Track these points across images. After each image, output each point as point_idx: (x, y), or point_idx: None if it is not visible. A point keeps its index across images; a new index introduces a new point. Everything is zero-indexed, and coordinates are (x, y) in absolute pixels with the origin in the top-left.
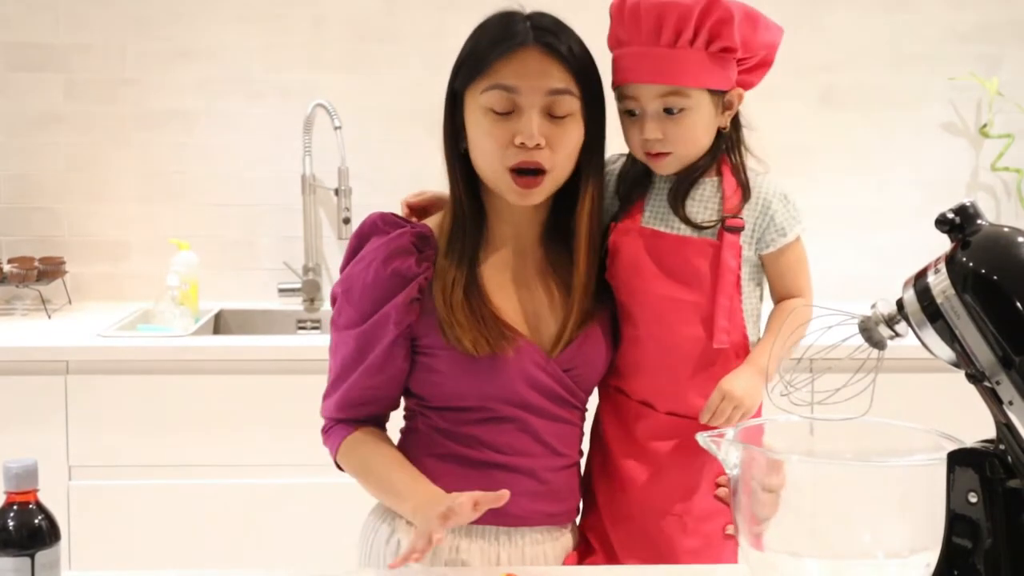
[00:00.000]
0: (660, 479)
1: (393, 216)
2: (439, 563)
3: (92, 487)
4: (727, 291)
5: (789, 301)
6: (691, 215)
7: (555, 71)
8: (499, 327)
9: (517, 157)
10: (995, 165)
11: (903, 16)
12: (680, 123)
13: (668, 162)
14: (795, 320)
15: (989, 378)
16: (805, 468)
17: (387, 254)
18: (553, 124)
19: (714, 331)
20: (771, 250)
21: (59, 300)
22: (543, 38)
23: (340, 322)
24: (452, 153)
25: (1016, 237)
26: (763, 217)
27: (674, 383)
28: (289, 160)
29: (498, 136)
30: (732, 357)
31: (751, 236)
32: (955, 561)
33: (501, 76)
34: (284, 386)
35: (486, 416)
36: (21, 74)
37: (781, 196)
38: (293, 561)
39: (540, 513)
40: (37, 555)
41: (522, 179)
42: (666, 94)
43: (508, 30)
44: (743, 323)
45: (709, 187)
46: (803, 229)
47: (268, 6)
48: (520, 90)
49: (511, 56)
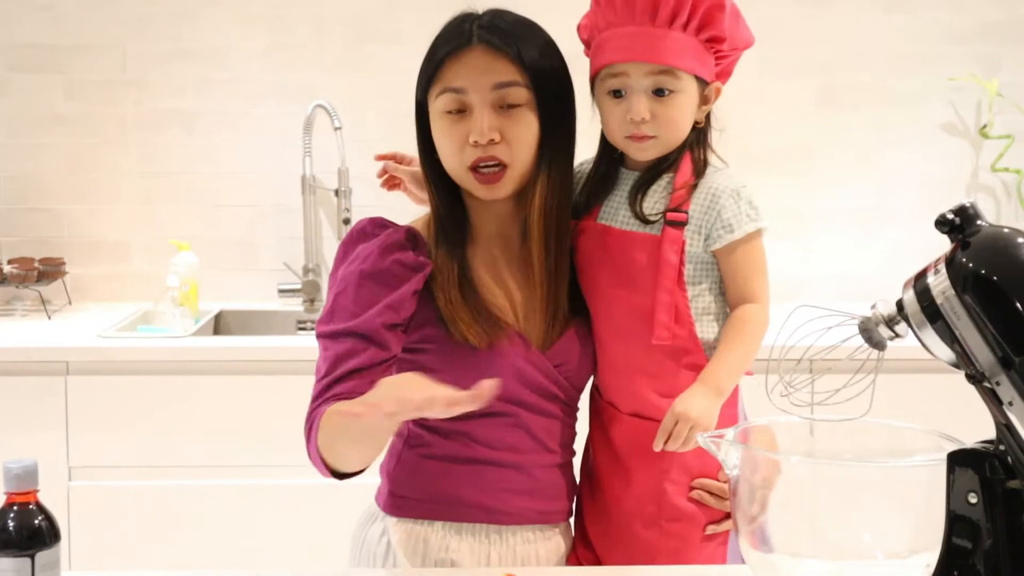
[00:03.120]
0: (629, 480)
1: (381, 219)
2: (429, 562)
3: (92, 488)
4: (666, 286)
5: (742, 309)
6: (647, 209)
7: (500, 66)
8: (493, 319)
9: (474, 155)
10: (995, 166)
11: (903, 17)
12: (668, 105)
13: (649, 146)
14: (748, 333)
15: (989, 379)
16: (805, 468)
17: (384, 247)
18: (505, 117)
19: (654, 327)
20: (718, 246)
21: (59, 301)
22: (486, 37)
23: (333, 319)
24: (427, 161)
25: (1016, 238)
26: (710, 211)
27: (629, 383)
28: (289, 161)
29: (454, 137)
30: (681, 355)
31: (698, 231)
32: (955, 562)
33: (448, 79)
34: (284, 387)
35: (477, 412)
36: (21, 75)
37: (732, 191)
38: (290, 561)
39: (530, 511)
40: (37, 556)
41: (482, 175)
42: (658, 72)
43: (455, 32)
44: (691, 321)
45: (665, 181)
46: (759, 229)
47: (268, 7)
48: (467, 90)
49: (457, 58)
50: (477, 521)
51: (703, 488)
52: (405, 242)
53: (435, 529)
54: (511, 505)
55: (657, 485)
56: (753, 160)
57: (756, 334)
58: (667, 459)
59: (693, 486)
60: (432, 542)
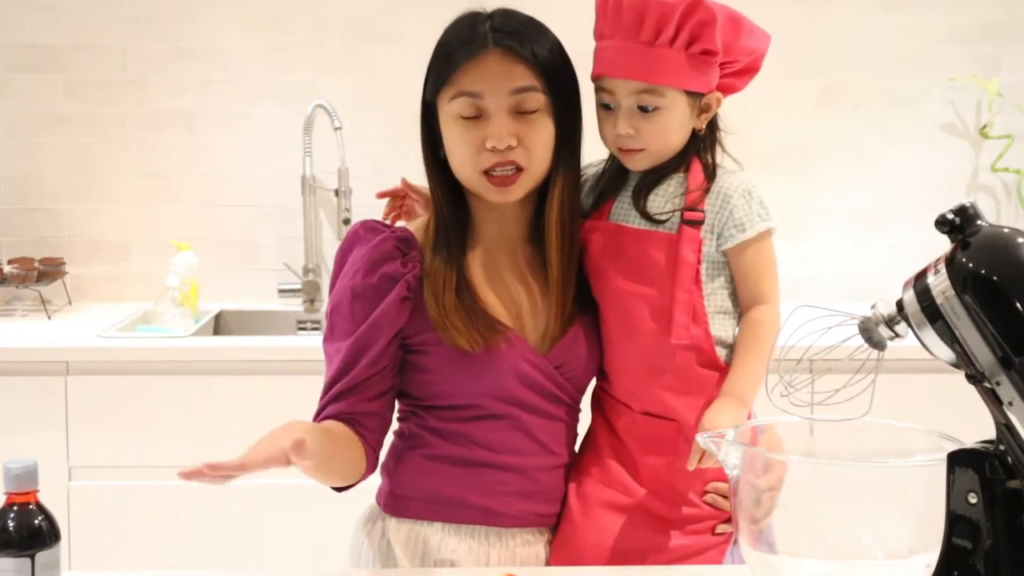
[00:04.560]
0: (641, 480)
1: (373, 222)
2: (428, 563)
3: (92, 488)
4: (685, 285)
5: (755, 313)
6: (654, 209)
7: (517, 71)
8: (490, 322)
9: (490, 160)
10: (995, 166)
11: (903, 17)
12: (652, 121)
13: (639, 158)
14: (764, 338)
15: (989, 379)
16: (805, 469)
17: (371, 261)
18: (523, 122)
19: (672, 326)
20: (730, 245)
21: (59, 301)
22: (503, 40)
23: (332, 337)
24: (431, 161)
25: (1016, 238)
26: (723, 211)
27: (643, 381)
28: (289, 161)
29: (470, 141)
30: (696, 353)
31: (711, 230)
32: (955, 562)
33: (465, 83)
34: (284, 387)
35: (478, 414)
36: (21, 75)
37: (744, 191)
38: (290, 560)
39: (530, 513)
40: (37, 556)
41: (496, 179)
42: (641, 91)
43: (469, 35)
44: (706, 320)
45: (675, 182)
46: (769, 228)
47: (268, 7)
48: (484, 94)
49: (473, 62)
50: (477, 523)
51: (716, 492)
52: (394, 251)
53: (435, 530)
54: (511, 507)
55: (672, 485)
56: (753, 160)
57: (770, 337)
58: (683, 460)
59: (707, 490)
60: (432, 543)
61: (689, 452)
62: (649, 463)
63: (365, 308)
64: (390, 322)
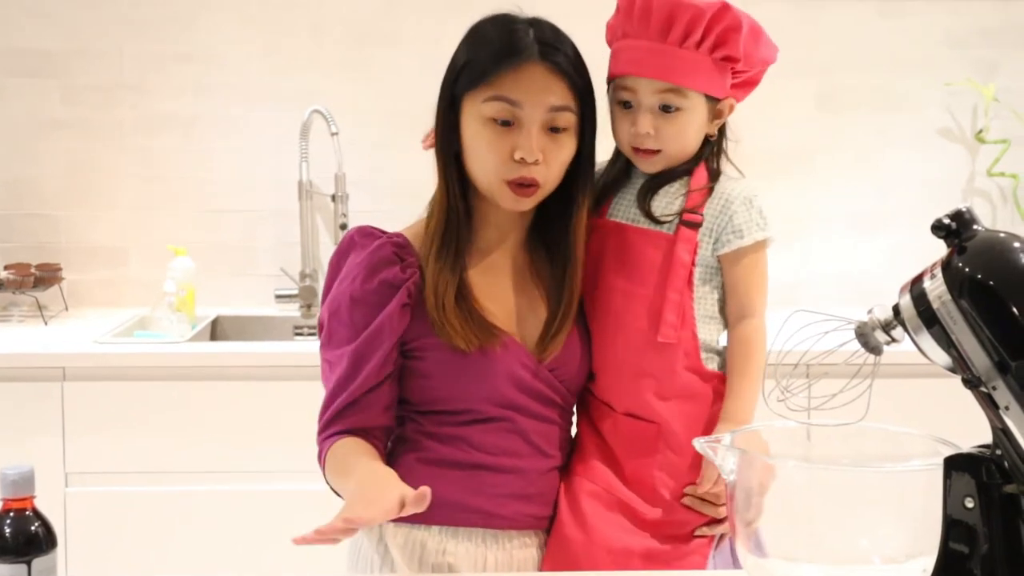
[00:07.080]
0: (626, 481)
1: (369, 228)
2: (426, 566)
3: (88, 494)
4: (677, 285)
5: (743, 329)
6: (658, 210)
7: (557, 88)
8: (486, 326)
9: (516, 172)
10: (991, 170)
11: (900, 21)
12: (674, 122)
13: (655, 160)
14: (756, 355)
15: (985, 383)
16: (802, 473)
17: (370, 267)
18: (550, 139)
19: (660, 325)
20: (726, 251)
21: (56, 307)
22: (549, 55)
23: (331, 343)
24: (446, 155)
25: (1012, 243)
26: (722, 215)
27: (627, 381)
28: (286, 166)
29: (499, 149)
30: (681, 356)
31: (709, 234)
32: (952, 566)
33: (505, 89)
34: (281, 392)
35: (474, 417)
36: (18, 80)
37: (745, 199)
38: (287, 565)
39: (527, 516)
40: (34, 562)
41: (520, 189)
42: (665, 91)
43: (513, 42)
44: (694, 322)
45: (678, 184)
46: (766, 238)
47: (266, 11)
48: (523, 104)
49: (516, 70)
50: (474, 526)
51: (694, 495)
52: (392, 256)
53: (432, 533)
54: (508, 509)
55: (652, 486)
56: (752, 162)
57: (760, 353)
58: (660, 460)
59: (686, 492)
60: (429, 546)
61: (670, 455)
62: (632, 465)
63: (365, 314)
64: (392, 329)
